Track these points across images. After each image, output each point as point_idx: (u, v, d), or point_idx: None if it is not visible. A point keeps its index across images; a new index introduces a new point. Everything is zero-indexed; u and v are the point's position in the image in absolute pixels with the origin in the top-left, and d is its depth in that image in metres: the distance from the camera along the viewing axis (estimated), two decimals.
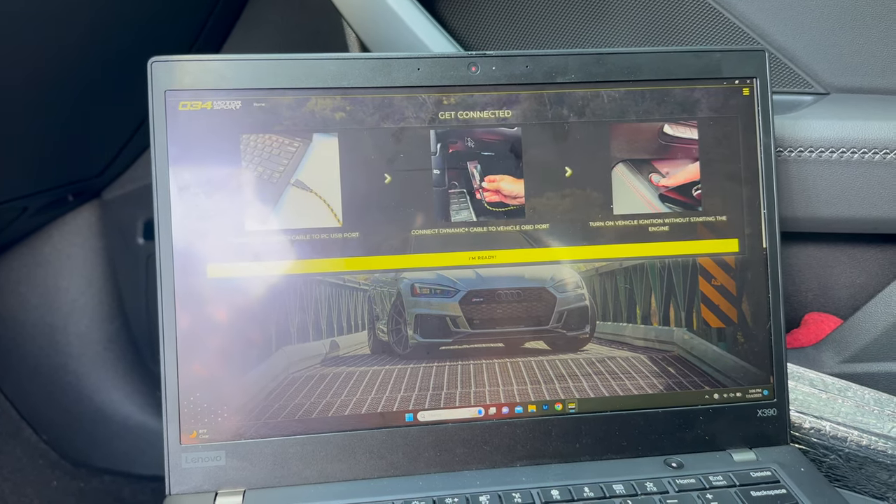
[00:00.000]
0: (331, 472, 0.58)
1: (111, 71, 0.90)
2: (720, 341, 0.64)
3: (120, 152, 1.08)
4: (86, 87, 0.89)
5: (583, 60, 0.63)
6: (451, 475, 0.59)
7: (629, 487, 0.57)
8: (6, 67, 0.76)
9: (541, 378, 0.62)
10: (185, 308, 0.58)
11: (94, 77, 0.89)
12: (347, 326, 0.60)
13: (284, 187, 0.60)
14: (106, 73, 0.90)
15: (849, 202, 0.71)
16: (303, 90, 0.59)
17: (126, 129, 1.04)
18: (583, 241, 0.63)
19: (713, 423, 0.62)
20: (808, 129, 0.71)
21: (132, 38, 0.89)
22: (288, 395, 0.59)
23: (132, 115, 1.02)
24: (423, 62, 0.61)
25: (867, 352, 0.72)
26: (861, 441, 0.64)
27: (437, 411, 0.60)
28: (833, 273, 0.77)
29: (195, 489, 0.57)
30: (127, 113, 1.00)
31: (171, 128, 0.58)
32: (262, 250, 0.59)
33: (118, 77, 0.91)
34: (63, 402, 1.16)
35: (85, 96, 0.90)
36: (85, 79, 0.88)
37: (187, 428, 0.57)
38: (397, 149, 0.61)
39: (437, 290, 0.62)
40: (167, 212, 0.58)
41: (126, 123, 1.03)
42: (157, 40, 0.95)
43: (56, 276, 1.15)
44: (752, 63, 0.64)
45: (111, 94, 0.94)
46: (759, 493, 0.57)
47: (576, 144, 0.63)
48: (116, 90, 0.94)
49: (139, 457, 1.16)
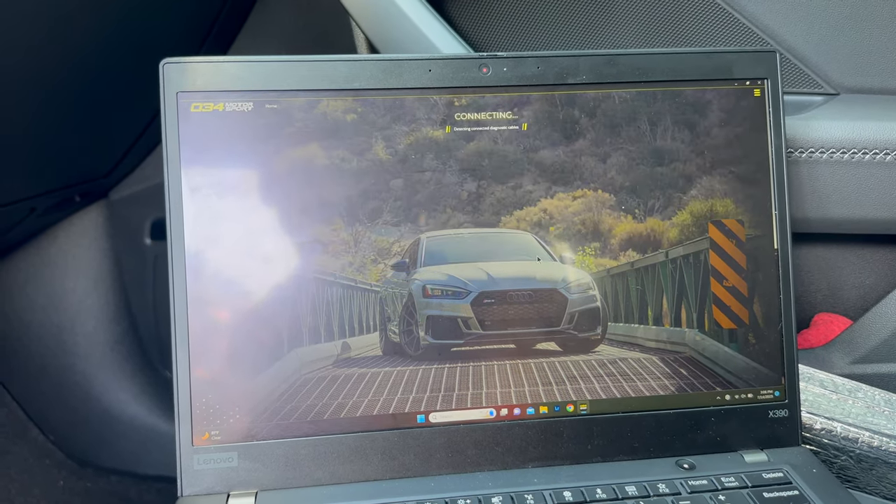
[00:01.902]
0: (342, 473, 0.58)
1: (118, 71, 0.90)
2: (731, 342, 0.63)
3: (127, 153, 1.08)
4: (93, 88, 0.89)
5: (594, 61, 0.63)
6: (463, 476, 0.59)
7: (641, 489, 0.57)
8: (13, 67, 0.76)
9: (552, 379, 0.62)
10: (197, 310, 0.58)
11: (101, 77, 0.89)
12: (359, 328, 0.60)
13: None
14: (113, 74, 0.90)
15: (860, 203, 0.71)
16: (315, 91, 0.59)
17: (133, 129, 1.04)
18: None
19: (725, 425, 0.62)
20: (818, 129, 0.71)
21: (139, 38, 0.89)
22: (300, 396, 0.59)
23: (139, 116, 1.02)
24: (434, 63, 0.61)
25: (877, 352, 0.72)
26: (872, 442, 0.64)
27: (449, 412, 0.60)
28: (843, 274, 0.77)
29: (207, 490, 0.57)
30: (134, 113, 1.00)
31: (182, 129, 0.58)
32: (274, 252, 0.59)
33: (125, 78, 0.92)
34: (70, 403, 1.16)
35: (92, 97, 0.90)
36: (92, 79, 0.88)
37: (199, 429, 0.57)
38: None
39: (448, 292, 0.62)
40: (179, 213, 0.58)
41: (133, 124, 1.03)
42: (165, 41, 0.95)
43: (63, 276, 1.15)
44: (764, 64, 0.64)
45: (118, 95, 0.94)
46: (771, 494, 0.57)
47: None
48: (124, 91, 0.94)
49: (145, 457, 1.17)
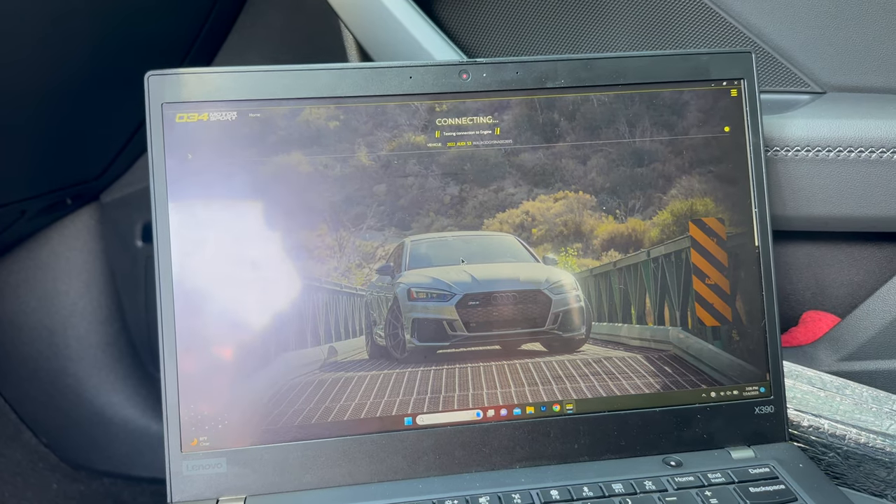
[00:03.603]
0: (331, 477, 0.59)
1: (108, 76, 0.90)
2: (715, 340, 0.64)
3: (118, 156, 1.08)
4: (83, 91, 0.89)
5: (572, 66, 0.63)
6: (451, 478, 0.60)
7: (628, 486, 0.58)
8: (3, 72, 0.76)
9: (538, 380, 0.62)
10: (185, 317, 0.58)
11: (90, 82, 0.89)
12: (345, 332, 0.61)
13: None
14: (102, 79, 0.90)
15: (846, 201, 0.71)
16: (297, 100, 0.60)
17: (123, 132, 1.04)
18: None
19: (711, 422, 0.63)
20: (804, 128, 0.71)
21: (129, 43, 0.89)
22: (287, 401, 0.59)
23: (129, 119, 1.02)
24: (415, 70, 0.61)
25: (865, 350, 0.73)
26: (859, 439, 0.64)
27: (436, 415, 0.61)
28: (830, 271, 0.77)
29: (197, 497, 0.57)
30: (124, 117, 1.00)
31: (168, 139, 0.58)
32: (260, 258, 0.59)
33: (115, 82, 0.92)
34: (62, 405, 1.16)
35: (82, 101, 0.90)
36: (82, 84, 0.88)
37: (188, 436, 0.58)
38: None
39: (433, 295, 0.62)
40: (165, 222, 0.58)
41: (123, 127, 1.03)
42: (154, 45, 0.95)
43: (55, 279, 1.15)
44: (740, 64, 0.65)
45: (108, 99, 0.94)
46: (757, 489, 0.58)
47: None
48: (113, 95, 0.94)
49: (139, 459, 1.17)
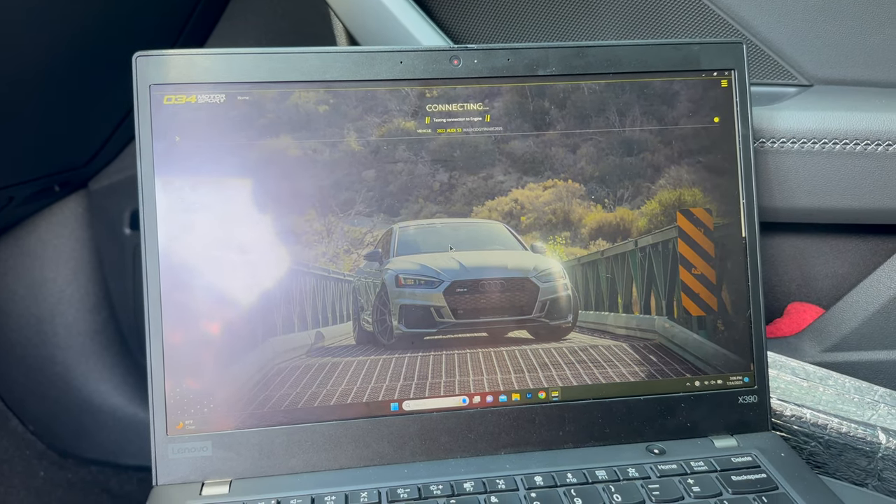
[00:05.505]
0: (317, 461, 0.59)
1: (96, 61, 0.90)
2: (701, 329, 0.64)
3: (106, 142, 1.08)
4: (71, 77, 0.89)
5: (563, 53, 0.63)
6: (436, 463, 0.60)
7: (611, 473, 0.58)
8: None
9: (524, 367, 0.62)
10: (171, 300, 0.58)
11: (78, 67, 0.89)
12: (333, 317, 0.61)
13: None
14: (91, 64, 0.90)
15: (831, 193, 0.72)
16: (286, 83, 0.60)
17: (112, 119, 1.04)
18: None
19: (694, 410, 0.63)
20: (791, 120, 0.71)
21: (118, 28, 0.89)
22: (274, 385, 0.59)
23: (118, 106, 1.01)
24: (405, 55, 0.61)
25: (848, 341, 0.73)
26: (841, 428, 0.65)
27: (422, 401, 0.61)
28: (815, 263, 0.78)
29: (182, 479, 0.57)
30: (113, 103, 1.00)
31: (155, 121, 0.58)
32: (248, 242, 0.59)
33: (103, 68, 0.91)
34: (50, 393, 1.16)
35: (70, 86, 0.90)
36: (70, 69, 0.88)
37: (174, 419, 0.58)
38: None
39: (421, 281, 0.62)
40: (152, 205, 0.58)
41: (112, 114, 1.02)
42: (143, 29, 0.94)
43: (43, 266, 1.15)
44: (731, 55, 0.65)
45: (97, 85, 0.94)
46: (739, 477, 0.58)
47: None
48: (102, 80, 0.93)
49: (126, 447, 1.17)
